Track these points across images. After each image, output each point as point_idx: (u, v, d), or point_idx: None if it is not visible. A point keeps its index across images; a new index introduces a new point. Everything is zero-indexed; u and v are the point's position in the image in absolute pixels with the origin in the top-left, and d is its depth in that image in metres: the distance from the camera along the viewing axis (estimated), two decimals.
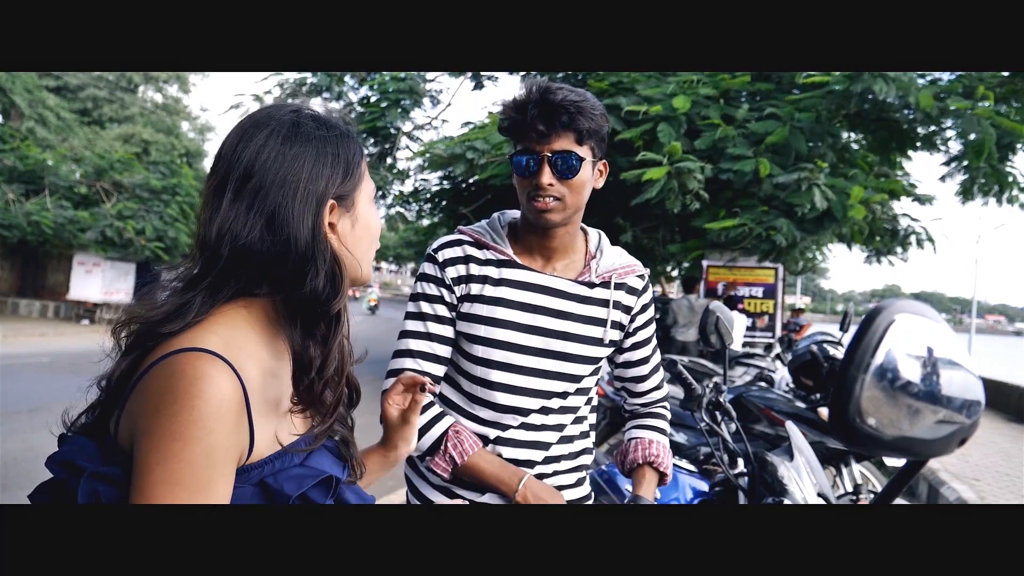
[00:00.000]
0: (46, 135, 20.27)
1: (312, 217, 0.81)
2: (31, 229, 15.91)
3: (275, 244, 0.79)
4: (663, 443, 1.53)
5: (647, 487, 1.46)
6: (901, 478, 0.78)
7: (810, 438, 2.86)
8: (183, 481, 0.69)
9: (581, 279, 1.41)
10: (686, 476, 2.34)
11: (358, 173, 0.88)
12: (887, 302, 0.73)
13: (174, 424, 0.69)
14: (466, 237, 1.44)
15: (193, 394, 0.69)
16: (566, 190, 1.32)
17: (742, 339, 8.43)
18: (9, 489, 4.25)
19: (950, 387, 0.70)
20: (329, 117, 0.89)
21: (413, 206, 12.34)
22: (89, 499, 0.72)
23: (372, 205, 0.91)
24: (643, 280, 1.47)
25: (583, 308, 1.39)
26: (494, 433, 1.38)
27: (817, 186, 6.88)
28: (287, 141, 0.82)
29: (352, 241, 0.88)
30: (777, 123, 7.30)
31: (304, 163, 0.82)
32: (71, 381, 0.84)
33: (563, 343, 1.38)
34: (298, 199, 0.81)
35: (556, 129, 1.30)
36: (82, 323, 17.21)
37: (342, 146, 0.86)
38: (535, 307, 1.38)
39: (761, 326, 9.38)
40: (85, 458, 0.75)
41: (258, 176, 0.80)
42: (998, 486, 5.04)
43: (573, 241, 1.42)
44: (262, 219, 0.79)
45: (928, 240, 9.37)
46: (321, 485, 0.81)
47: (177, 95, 31.30)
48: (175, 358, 0.72)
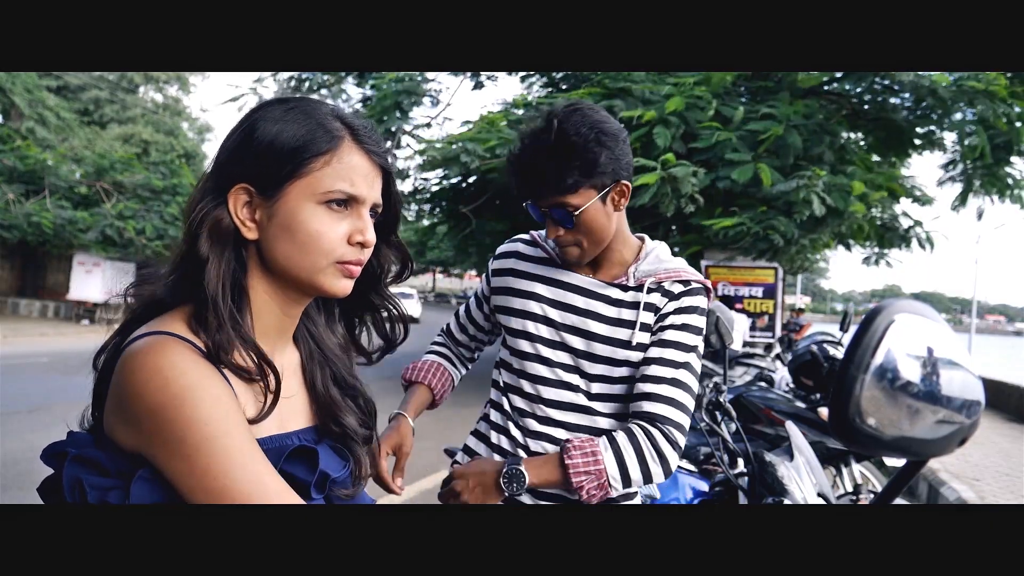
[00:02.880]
0: (46, 135, 20.26)
1: (209, 195, 0.80)
2: (31, 230, 15.91)
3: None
4: (600, 455, 1.27)
5: (540, 464, 1.30)
6: (901, 478, 0.78)
7: (810, 438, 2.85)
8: (221, 433, 0.70)
9: (616, 282, 1.40)
10: (686, 476, 2.34)
11: (295, 162, 0.79)
12: (887, 302, 0.73)
13: (165, 397, 0.69)
14: (526, 236, 1.54)
15: (166, 368, 0.70)
16: (577, 234, 1.34)
17: (743, 339, 8.42)
18: (9, 489, 4.25)
19: (950, 387, 0.70)
20: (305, 102, 0.84)
21: (412, 206, 12.34)
22: (72, 484, 0.72)
23: (312, 206, 0.80)
24: (685, 286, 1.37)
25: (611, 310, 1.38)
26: (532, 423, 1.40)
27: (816, 194, 6.89)
28: (239, 124, 0.83)
29: (269, 236, 0.81)
30: (774, 123, 7.30)
31: (229, 144, 0.82)
32: (71, 381, 0.83)
33: (586, 342, 1.38)
34: (208, 178, 0.82)
35: (542, 194, 1.31)
36: (82, 323, 17.21)
37: (283, 131, 0.80)
38: (562, 304, 1.40)
39: (761, 326, 9.38)
40: (75, 447, 0.75)
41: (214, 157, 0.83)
42: (998, 486, 5.04)
43: (618, 254, 1.42)
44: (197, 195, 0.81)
45: (928, 242, 9.38)
46: (301, 459, 0.81)
47: (177, 95, 31.33)
48: (134, 345, 0.73)
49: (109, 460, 0.72)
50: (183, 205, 6.34)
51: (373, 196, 0.84)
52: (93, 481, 0.71)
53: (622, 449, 1.27)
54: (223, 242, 0.79)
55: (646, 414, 1.29)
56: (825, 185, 7.06)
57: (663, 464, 1.27)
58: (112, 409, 0.74)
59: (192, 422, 0.69)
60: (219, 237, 0.79)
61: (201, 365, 0.73)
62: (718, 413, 2.25)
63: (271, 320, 0.85)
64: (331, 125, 0.82)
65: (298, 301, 0.86)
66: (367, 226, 0.83)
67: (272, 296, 0.84)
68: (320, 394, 0.90)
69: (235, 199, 0.80)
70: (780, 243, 7.38)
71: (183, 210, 0.83)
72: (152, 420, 0.70)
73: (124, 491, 0.71)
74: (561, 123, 1.29)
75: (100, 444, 0.74)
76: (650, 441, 1.27)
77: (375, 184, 0.85)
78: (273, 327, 0.85)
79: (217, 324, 0.76)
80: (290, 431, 0.84)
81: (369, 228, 0.83)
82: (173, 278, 0.81)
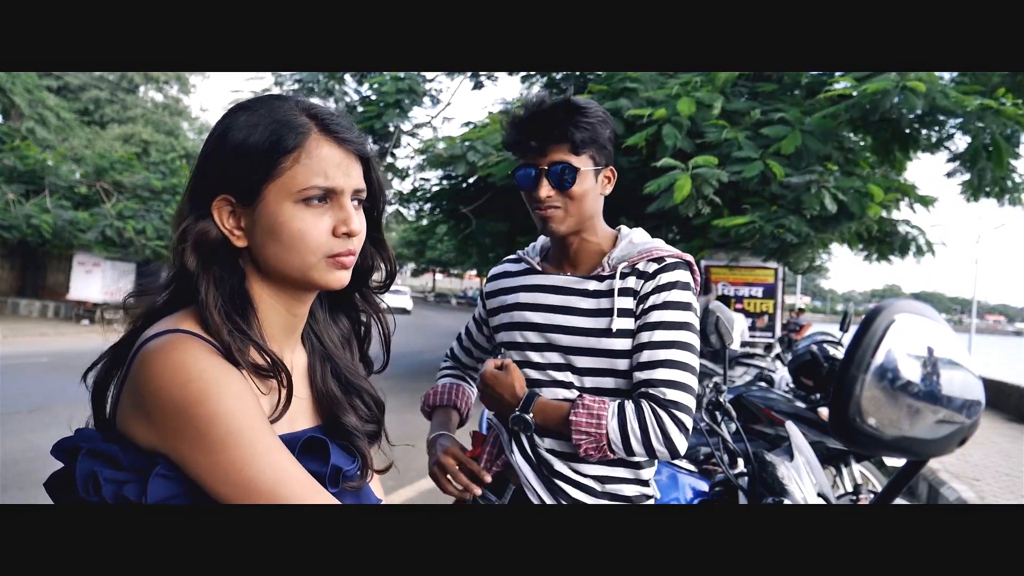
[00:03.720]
0: (46, 135, 20.26)
1: (191, 209, 0.80)
2: (31, 231, 15.91)
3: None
4: (604, 419, 1.30)
5: (549, 411, 1.36)
6: (901, 478, 0.78)
7: (810, 438, 2.85)
8: (244, 427, 0.71)
9: (592, 275, 1.42)
10: (686, 476, 2.34)
11: (266, 165, 0.78)
12: (887, 302, 0.73)
13: (186, 394, 0.70)
14: (513, 255, 1.59)
15: (186, 365, 0.71)
16: (566, 199, 1.36)
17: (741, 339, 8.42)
18: (9, 489, 4.25)
19: (950, 387, 0.70)
20: (268, 101, 0.82)
21: (413, 206, 12.34)
22: (86, 478, 0.72)
23: (291, 206, 0.79)
24: (658, 264, 1.37)
25: (590, 302, 1.40)
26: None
27: (827, 189, 6.88)
28: (210, 135, 0.82)
29: (257, 242, 0.80)
30: (787, 127, 7.27)
31: (203, 156, 0.82)
32: (71, 381, 0.84)
33: (569, 338, 1.39)
34: (189, 192, 0.82)
35: (549, 142, 1.34)
36: (82, 323, 17.21)
37: (249, 135, 0.78)
38: (543, 306, 1.43)
39: (761, 326, 9.38)
40: (86, 442, 0.75)
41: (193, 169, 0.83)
42: (998, 486, 5.03)
43: (594, 245, 1.44)
44: (182, 209, 0.82)
45: (928, 249, 9.36)
46: (313, 453, 0.81)
47: (177, 95, 31.34)
48: (152, 343, 0.73)
49: (124, 455, 0.73)
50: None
51: (352, 184, 0.82)
52: (108, 475, 0.72)
53: (627, 420, 1.29)
54: (211, 254, 0.79)
55: (652, 396, 1.30)
56: (836, 183, 7.05)
57: (668, 445, 1.28)
58: (128, 406, 0.74)
59: (215, 416, 0.70)
60: (206, 250, 0.79)
61: (220, 361, 0.74)
62: (718, 413, 2.25)
63: (278, 321, 0.85)
64: (296, 121, 0.80)
65: (301, 299, 0.86)
66: (351, 215, 0.81)
67: (275, 298, 0.84)
68: (322, 392, 0.90)
69: (219, 210, 0.80)
70: (794, 241, 7.36)
71: (171, 223, 0.84)
72: (175, 416, 0.70)
73: (140, 485, 0.71)
74: (575, 96, 1.39)
75: (111, 440, 0.75)
76: (658, 424, 1.28)
77: (352, 172, 0.83)
78: (280, 328, 0.85)
79: (227, 330, 0.76)
80: (298, 431, 0.84)
81: (353, 217, 0.82)
82: (172, 289, 0.81)
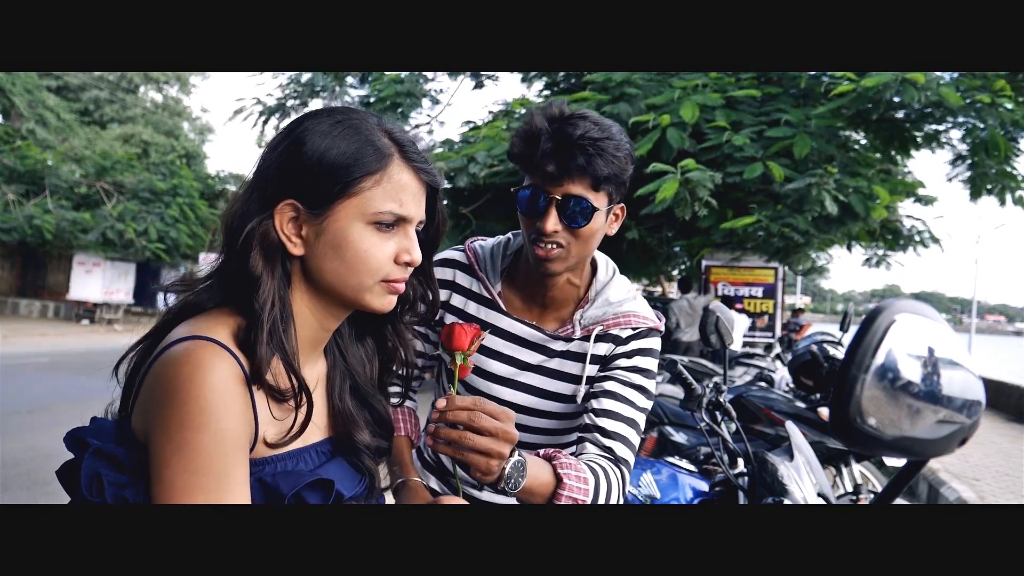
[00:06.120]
0: (46, 135, 20.26)
1: (256, 210, 0.80)
2: (32, 232, 15.91)
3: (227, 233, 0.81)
4: (583, 475, 1.08)
5: (539, 464, 1.04)
6: (901, 478, 0.78)
7: (810, 438, 2.86)
8: (200, 468, 0.69)
9: (561, 332, 1.27)
10: (686, 476, 2.34)
11: (345, 181, 0.79)
12: (887, 302, 0.73)
13: (182, 413, 0.70)
14: (462, 258, 1.34)
15: (196, 382, 0.70)
16: (572, 239, 1.18)
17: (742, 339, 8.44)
18: (9, 489, 4.24)
19: (950, 387, 0.70)
20: (352, 115, 0.82)
21: None
22: (90, 479, 0.72)
23: (361, 226, 0.80)
24: (633, 331, 1.26)
25: (555, 362, 1.27)
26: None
27: (828, 191, 6.88)
28: (284, 136, 0.82)
29: (316, 254, 0.81)
30: (791, 130, 7.27)
31: (274, 157, 0.81)
32: (71, 381, 0.83)
33: (531, 398, 1.28)
34: (252, 191, 0.81)
35: (569, 172, 1.15)
36: (82, 323, 17.23)
37: (332, 147, 0.79)
38: (505, 357, 1.29)
39: (761, 326, 9.38)
40: (97, 436, 0.75)
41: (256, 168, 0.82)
42: (998, 486, 5.03)
43: (572, 291, 1.29)
44: (241, 208, 0.81)
45: (933, 240, 9.35)
46: (317, 488, 0.81)
47: (177, 96, 31.31)
48: (178, 347, 0.73)
49: (128, 457, 0.73)
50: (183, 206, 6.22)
51: (420, 214, 0.84)
52: (112, 478, 0.72)
53: (599, 496, 1.11)
54: (274, 259, 0.79)
55: (608, 448, 1.18)
56: (837, 184, 7.04)
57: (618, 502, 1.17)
58: (141, 402, 0.75)
59: (193, 436, 0.70)
60: (270, 254, 0.79)
61: (231, 386, 0.73)
62: (718, 413, 2.25)
63: (309, 333, 0.85)
64: (380, 142, 0.81)
65: (337, 316, 0.86)
66: (414, 245, 0.83)
67: (313, 311, 0.84)
68: (337, 406, 0.90)
69: (281, 215, 0.79)
70: (800, 240, 7.35)
71: (222, 220, 0.83)
72: (160, 423, 0.70)
73: (139, 488, 0.72)
74: (603, 121, 1.19)
75: (121, 438, 0.75)
76: (621, 484, 1.16)
77: (422, 202, 0.85)
78: (309, 340, 0.85)
79: (265, 340, 0.76)
80: (309, 444, 0.84)
81: (415, 247, 0.83)
82: (211, 284, 0.81)
